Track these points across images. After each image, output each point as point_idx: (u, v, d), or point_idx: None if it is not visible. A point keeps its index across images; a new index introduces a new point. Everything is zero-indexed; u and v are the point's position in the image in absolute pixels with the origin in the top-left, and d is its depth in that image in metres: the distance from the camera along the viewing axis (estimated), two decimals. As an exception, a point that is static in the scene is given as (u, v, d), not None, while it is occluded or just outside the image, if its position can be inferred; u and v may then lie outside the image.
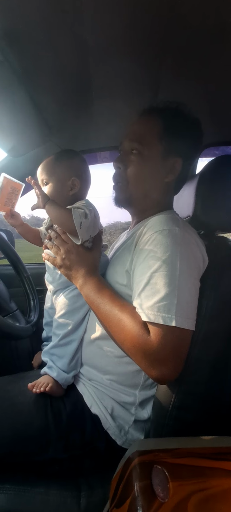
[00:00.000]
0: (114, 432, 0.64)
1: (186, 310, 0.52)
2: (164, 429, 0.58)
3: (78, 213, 0.64)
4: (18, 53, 0.58)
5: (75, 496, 0.59)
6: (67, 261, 0.66)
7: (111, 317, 0.58)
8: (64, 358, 0.69)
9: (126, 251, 0.65)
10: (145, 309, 0.53)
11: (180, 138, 0.65)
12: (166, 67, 0.65)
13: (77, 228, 0.63)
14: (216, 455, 0.46)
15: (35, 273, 1.13)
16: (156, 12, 0.49)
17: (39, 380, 0.67)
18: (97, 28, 0.53)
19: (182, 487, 0.39)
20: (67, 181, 0.71)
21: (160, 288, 0.52)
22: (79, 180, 0.72)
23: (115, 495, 0.45)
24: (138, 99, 0.79)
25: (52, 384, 0.66)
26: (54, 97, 0.77)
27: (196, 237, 0.59)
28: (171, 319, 0.50)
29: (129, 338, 0.54)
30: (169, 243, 0.54)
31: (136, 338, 0.52)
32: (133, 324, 0.54)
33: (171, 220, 0.58)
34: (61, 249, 0.67)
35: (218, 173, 0.67)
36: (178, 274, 0.51)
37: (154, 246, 0.55)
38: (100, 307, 0.60)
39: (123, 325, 0.55)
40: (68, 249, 0.66)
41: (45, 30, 0.53)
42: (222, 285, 0.57)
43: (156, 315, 0.51)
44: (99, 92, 0.76)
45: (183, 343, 0.53)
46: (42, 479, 0.62)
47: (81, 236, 0.65)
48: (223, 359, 0.58)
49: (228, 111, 0.85)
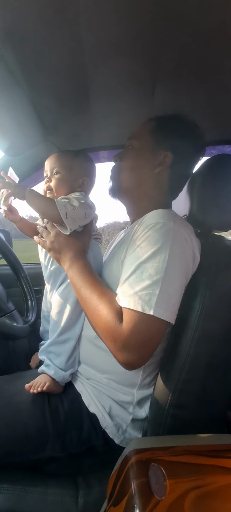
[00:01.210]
0: (112, 431, 0.64)
1: (167, 302, 0.52)
2: (161, 428, 0.59)
3: (62, 203, 0.65)
4: (14, 52, 0.58)
5: (73, 495, 0.60)
6: (56, 244, 0.68)
7: (89, 302, 0.59)
8: (62, 356, 0.69)
9: (122, 247, 0.66)
10: (126, 296, 0.53)
11: (171, 134, 0.68)
12: (163, 66, 0.65)
13: (64, 218, 0.64)
14: (212, 453, 0.46)
15: (32, 273, 1.13)
16: (154, 11, 0.49)
17: (36, 380, 0.67)
18: (95, 27, 0.53)
19: (179, 485, 0.40)
20: (79, 179, 0.75)
21: (145, 278, 0.53)
22: (88, 182, 0.77)
23: (112, 493, 0.45)
24: (135, 99, 0.79)
25: (50, 383, 0.66)
26: (51, 96, 0.77)
27: (191, 235, 0.59)
28: (150, 307, 0.51)
29: (102, 324, 0.56)
30: (161, 236, 0.54)
31: (108, 323, 0.54)
32: (108, 311, 0.55)
33: (167, 214, 0.58)
34: (51, 232, 0.69)
35: (213, 172, 0.67)
36: (165, 266, 0.52)
37: (146, 237, 0.56)
38: (81, 290, 0.62)
39: (99, 310, 0.57)
40: (57, 232, 0.68)
41: (42, 29, 0.53)
42: (217, 284, 0.57)
43: (136, 303, 0.52)
44: (96, 91, 0.75)
45: (156, 333, 0.54)
46: (39, 478, 0.62)
47: (69, 226, 0.65)
48: (219, 357, 0.58)
49: (224, 111, 0.85)
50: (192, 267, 0.58)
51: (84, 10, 0.49)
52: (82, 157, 0.79)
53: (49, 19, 0.51)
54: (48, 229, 0.70)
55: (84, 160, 0.78)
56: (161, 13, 0.49)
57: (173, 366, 0.57)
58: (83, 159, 0.78)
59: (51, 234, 0.69)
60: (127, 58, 0.62)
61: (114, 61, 0.63)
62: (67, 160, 0.75)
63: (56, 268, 0.74)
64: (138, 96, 0.78)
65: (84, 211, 0.69)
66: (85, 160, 0.79)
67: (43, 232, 0.71)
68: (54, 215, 0.66)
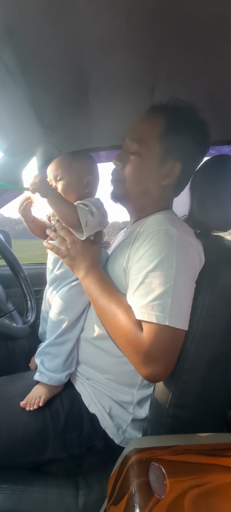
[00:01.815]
0: (112, 431, 0.64)
1: (180, 310, 0.52)
2: (161, 427, 0.59)
3: (84, 211, 0.66)
4: (13, 51, 0.58)
5: (73, 494, 0.60)
6: (72, 252, 0.67)
7: (107, 311, 0.59)
8: (59, 357, 0.69)
9: (123, 250, 0.65)
10: (139, 307, 0.53)
11: (181, 142, 0.62)
12: (164, 64, 0.65)
13: (83, 226, 0.64)
14: (212, 452, 0.46)
15: (32, 274, 1.13)
16: (154, 7, 0.48)
17: (31, 396, 0.64)
18: (95, 25, 0.53)
19: (179, 484, 0.40)
20: (84, 178, 0.74)
21: (155, 287, 0.52)
22: (92, 180, 0.76)
23: (112, 493, 0.45)
24: (134, 99, 0.79)
25: (45, 394, 0.64)
26: (50, 96, 0.76)
27: (194, 237, 0.59)
28: (165, 318, 0.50)
29: (122, 333, 0.55)
30: (166, 243, 0.54)
31: (128, 334, 0.53)
32: (127, 320, 0.54)
33: (168, 220, 0.58)
34: (67, 240, 0.68)
35: (213, 173, 0.67)
36: (174, 274, 0.52)
37: (150, 245, 0.55)
38: (98, 300, 0.61)
39: (117, 320, 0.56)
40: (74, 240, 0.67)
41: (41, 27, 0.52)
42: (218, 284, 0.57)
43: (149, 314, 0.51)
44: (96, 91, 0.75)
45: (175, 342, 0.53)
46: (40, 478, 0.62)
47: (87, 233, 0.66)
48: (219, 357, 0.58)
49: (223, 111, 0.85)
50: (199, 269, 0.58)
51: (84, 7, 0.48)
52: (83, 156, 0.79)
53: (48, 18, 0.50)
54: (63, 236, 0.68)
55: (85, 159, 0.78)
56: (161, 10, 0.49)
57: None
58: (83, 158, 0.78)
59: (67, 241, 0.67)
60: (127, 57, 0.62)
61: (114, 60, 0.63)
62: (68, 163, 0.75)
63: (63, 272, 0.73)
64: (138, 95, 0.78)
65: (99, 220, 0.69)
66: (86, 159, 0.78)
67: (57, 238, 0.69)
68: (74, 222, 0.65)
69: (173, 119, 0.63)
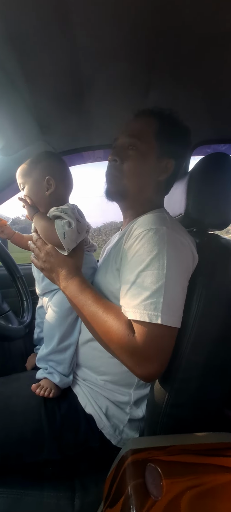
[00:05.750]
0: (109, 432, 0.64)
1: (172, 308, 0.52)
2: (158, 427, 0.58)
3: (60, 224, 0.64)
4: (9, 53, 0.57)
5: (69, 497, 0.59)
6: (47, 264, 0.65)
7: (96, 319, 0.57)
8: (64, 363, 0.69)
9: (116, 251, 0.65)
10: (131, 307, 0.53)
11: (173, 141, 0.67)
12: (158, 67, 0.65)
13: (61, 239, 0.62)
14: (209, 451, 0.46)
15: (28, 274, 1.11)
16: (150, 15, 0.49)
17: (43, 383, 0.66)
18: (91, 28, 0.53)
19: (175, 484, 0.39)
20: (43, 181, 0.71)
21: (147, 286, 0.52)
22: (54, 180, 0.71)
23: (109, 494, 0.45)
24: (130, 99, 0.79)
25: (55, 390, 0.66)
26: (46, 96, 0.76)
27: (185, 235, 0.59)
28: (157, 317, 0.50)
29: (115, 339, 0.54)
30: (156, 242, 0.54)
31: (121, 339, 0.52)
32: (118, 325, 0.54)
33: (159, 219, 0.58)
34: (42, 252, 0.66)
35: (208, 171, 0.67)
36: (165, 272, 0.52)
37: (141, 245, 0.55)
38: (84, 309, 0.59)
39: (108, 326, 0.55)
40: (47, 252, 0.65)
41: (38, 29, 0.53)
42: (214, 283, 0.57)
43: (142, 313, 0.51)
44: (91, 91, 0.75)
45: (169, 340, 0.53)
46: (35, 481, 0.61)
47: (67, 246, 0.63)
48: (215, 356, 0.58)
49: (219, 110, 0.85)
50: (192, 267, 0.58)
51: (80, 11, 0.49)
52: (42, 157, 0.74)
53: (45, 20, 0.51)
54: (39, 248, 0.67)
55: (44, 160, 0.74)
56: (157, 15, 0.49)
57: (169, 365, 0.56)
58: (43, 159, 0.74)
59: (42, 253, 0.66)
60: (122, 58, 0.62)
61: (110, 61, 0.63)
62: (27, 169, 0.73)
63: (47, 283, 0.74)
64: (133, 95, 0.78)
65: (77, 228, 0.65)
66: (46, 160, 0.74)
67: (35, 250, 0.68)
68: (55, 238, 0.63)
69: (164, 121, 0.68)
